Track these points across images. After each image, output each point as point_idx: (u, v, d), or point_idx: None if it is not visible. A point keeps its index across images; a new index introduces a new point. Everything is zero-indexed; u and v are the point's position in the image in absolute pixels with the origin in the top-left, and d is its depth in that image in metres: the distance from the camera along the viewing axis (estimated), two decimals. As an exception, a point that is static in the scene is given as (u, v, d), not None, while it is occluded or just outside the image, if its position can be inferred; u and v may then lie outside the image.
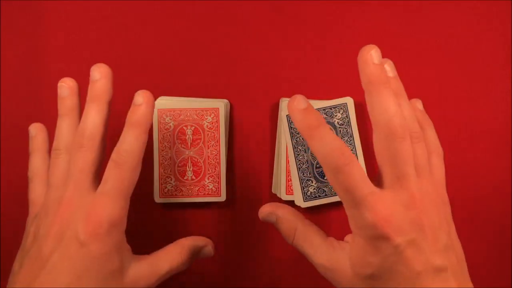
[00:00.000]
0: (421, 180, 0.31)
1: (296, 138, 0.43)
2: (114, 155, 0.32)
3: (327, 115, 0.43)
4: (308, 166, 0.43)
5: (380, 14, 0.46)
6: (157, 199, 0.43)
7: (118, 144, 0.32)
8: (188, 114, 0.44)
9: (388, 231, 0.28)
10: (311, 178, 0.43)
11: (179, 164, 0.44)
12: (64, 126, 0.34)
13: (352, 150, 0.43)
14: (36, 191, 0.36)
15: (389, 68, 0.36)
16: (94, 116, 0.32)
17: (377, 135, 0.32)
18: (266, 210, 0.35)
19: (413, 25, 0.45)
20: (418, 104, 0.42)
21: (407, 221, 0.29)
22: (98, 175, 0.33)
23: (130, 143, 0.31)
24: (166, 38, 0.46)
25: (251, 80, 0.45)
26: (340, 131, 0.43)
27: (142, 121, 0.32)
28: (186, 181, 0.43)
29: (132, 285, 0.32)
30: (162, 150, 0.43)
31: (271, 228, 0.45)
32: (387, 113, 0.31)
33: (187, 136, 0.44)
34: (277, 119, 0.45)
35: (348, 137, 0.43)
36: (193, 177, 0.44)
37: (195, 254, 0.36)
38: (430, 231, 0.29)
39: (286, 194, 0.43)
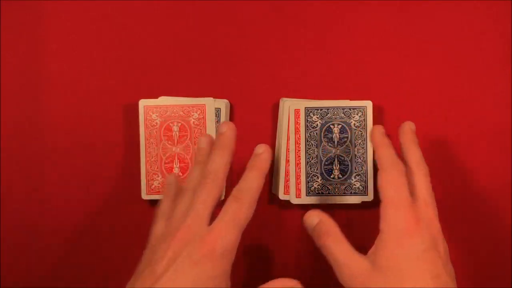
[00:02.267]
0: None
1: (310, 132, 0.43)
2: (234, 192, 0.35)
3: (345, 115, 0.43)
4: (317, 162, 0.43)
5: (380, 14, 0.45)
6: (144, 196, 0.44)
7: (239, 183, 0.35)
8: (175, 110, 0.44)
9: (415, 230, 0.34)
10: (317, 174, 0.43)
11: (166, 161, 0.44)
12: (197, 170, 0.37)
13: (363, 154, 0.43)
14: (158, 225, 0.37)
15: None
16: (219, 160, 0.36)
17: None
18: (313, 214, 0.37)
19: (413, 25, 0.45)
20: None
21: (428, 233, 0.34)
22: (213, 212, 0.35)
23: (250, 182, 0.35)
24: (166, 38, 0.46)
25: (251, 80, 0.46)
26: (355, 133, 0.43)
27: (262, 166, 0.36)
28: None
29: None
30: (149, 147, 0.43)
31: (271, 228, 0.45)
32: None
33: (174, 132, 0.44)
34: (277, 119, 0.45)
35: (362, 140, 0.43)
36: (180, 174, 0.44)
37: None
38: (444, 252, 0.35)
39: (284, 193, 0.44)
